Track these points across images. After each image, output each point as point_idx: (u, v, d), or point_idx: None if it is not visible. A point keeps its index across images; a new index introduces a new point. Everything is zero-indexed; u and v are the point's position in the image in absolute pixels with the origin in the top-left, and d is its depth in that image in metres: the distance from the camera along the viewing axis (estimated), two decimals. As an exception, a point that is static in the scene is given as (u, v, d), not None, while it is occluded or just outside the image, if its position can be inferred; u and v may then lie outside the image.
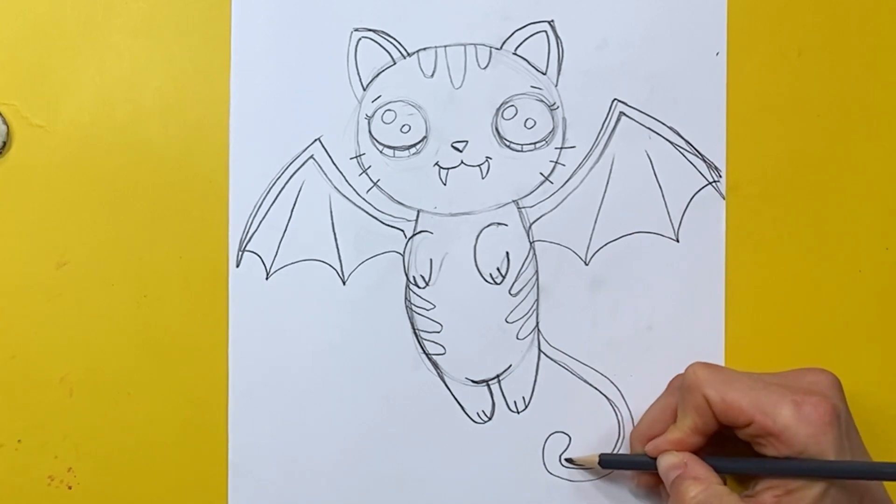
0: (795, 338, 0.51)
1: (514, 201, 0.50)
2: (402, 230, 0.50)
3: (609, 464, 0.49)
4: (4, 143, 0.48)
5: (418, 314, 0.50)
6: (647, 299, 0.51)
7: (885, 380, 0.51)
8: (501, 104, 0.50)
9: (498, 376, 0.51)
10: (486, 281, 0.50)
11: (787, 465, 0.44)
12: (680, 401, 0.47)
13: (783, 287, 0.51)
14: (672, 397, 0.48)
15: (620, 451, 0.51)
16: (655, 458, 0.47)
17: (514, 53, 0.50)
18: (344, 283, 0.50)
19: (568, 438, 0.50)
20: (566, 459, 0.50)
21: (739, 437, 0.46)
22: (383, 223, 0.50)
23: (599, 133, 0.50)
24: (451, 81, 0.50)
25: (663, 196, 0.51)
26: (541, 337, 0.50)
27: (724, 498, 0.44)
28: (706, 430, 0.46)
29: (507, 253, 0.50)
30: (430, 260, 0.50)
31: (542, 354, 0.51)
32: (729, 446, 0.47)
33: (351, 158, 0.50)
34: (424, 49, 0.50)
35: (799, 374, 0.47)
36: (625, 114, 0.50)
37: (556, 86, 0.50)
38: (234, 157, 0.50)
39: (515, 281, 0.50)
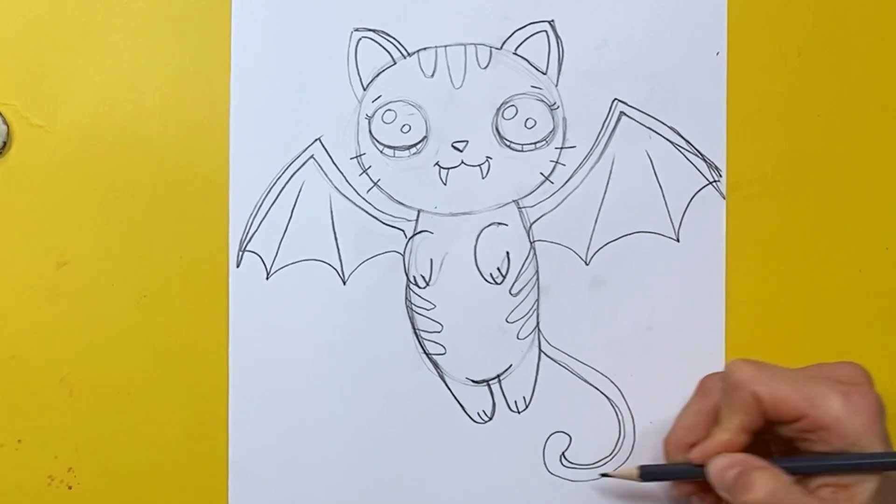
0: (795, 337, 0.51)
1: (514, 201, 0.50)
2: (403, 230, 0.50)
3: (651, 476, 0.48)
4: (5, 143, 0.48)
5: (419, 314, 0.50)
6: (648, 299, 0.51)
7: (885, 379, 0.51)
8: (502, 104, 0.50)
9: (498, 376, 0.51)
10: (487, 281, 0.50)
11: (846, 461, 0.43)
12: (724, 400, 0.46)
13: (783, 287, 0.51)
14: (707, 399, 0.47)
15: (622, 452, 0.50)
16: (702, 465, 0.46)
17: (515, 53, 0.50)
18: (344, 283, 0.50)
19: (568, 438, 0.50)
20: (602, 475, 0.49)
21: (784, 434, 0.45)
22: (383, 223, 0.50)
23: (600, 133, 0.51)
24: (452, 81, 0.50)
25: (663, 196, 0.51)
26: (541, 337, 0.50)
27: (792, 488, 0.43)
28: (754, 428, 0.45)
29: (508, 253, 0.50)
30: (431, 260, 0.50)
31: (542, 354, 0.51)
32: (763, 448, 0.47)
33: (351, 158, 0.50)
34: (425, 49, 0.50)
35: (835, 367, 0.46)
36: (625, 114, 0.50)
37: (557, 86, 0.50)
38: (235, 157, 0.50)
39: (516, 281, 0.50)
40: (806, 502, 0.43)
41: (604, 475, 0.49)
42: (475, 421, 0.51)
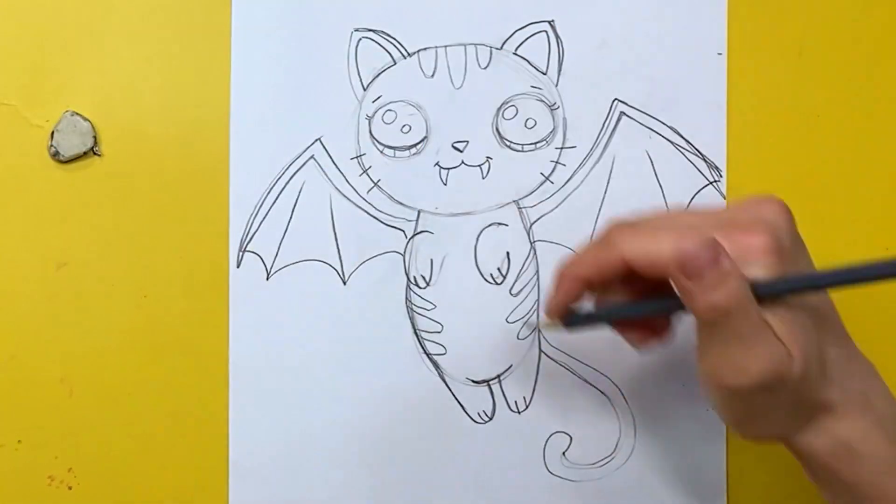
0: (796, 338, 0.51)
1: (514, 201, 0.50)
2: (403, 230, 0.50)
3: (574, 322, 0.44)
4: (92, 148, 0.48)
5: (419, 314, 0.50)
6: (648, 299, 0.51)
7: (885, 379, 0.51)
8: (502, 104, 0.50)
9: (499, 376, 0.51)
10: (487, 281, 0.50)
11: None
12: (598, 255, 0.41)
13: (783, 287, 0.51)
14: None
15: (622, 451, 0.50)
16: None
17: (515, 53, 0.50)
18: (344, 284, 0.50)
19: (569, 438, 0.51)
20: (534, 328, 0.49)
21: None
22: (384, 223, 0.50)
23: (600, 133, 0.51)
24: (452, 81, 0.50)
25: (664, 196, 0.51)
26: (541, 337, 0.50)
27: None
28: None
29: (508, 253, 0.50)
30: (431, 260, 0.50)
31: (542, 354, 0.51)
32: None
33: (351, 159, 0.50)
34: (425, 49, 0.50)
35: (736, 208, 0.41)
36: (625, 114, 0.50)
37: (557, 86, 0.50)
38: (235, 157, 0.50)
39: (516, 281, 0.50)
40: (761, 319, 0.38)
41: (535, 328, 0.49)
42: (475, 421, 0.51)
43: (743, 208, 0.41)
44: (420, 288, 0.50)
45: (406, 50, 0.50)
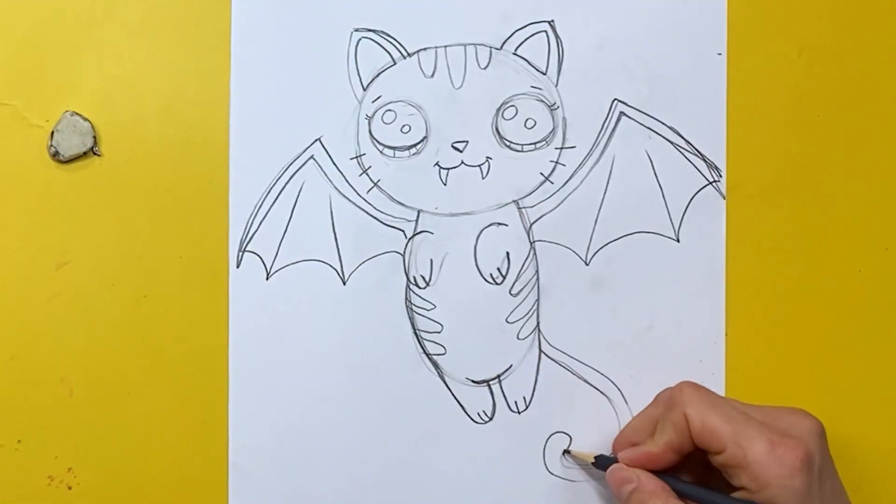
0: (795, 337, 0.51)
1: (514, 201, 0.50)
2: (403, 230, 0.50)
3: (603, 464, 0.49)
4: (91, 148, 0.48)
5: (419, 314, 0.50)
6: (648, 299, 0.51)
7: (885, 378, 0.51)
8: (502, 104, 0.50)
9: (498, 376, 0.51)
10: (487, 281, 0.50)
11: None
12: (661, 415, 0.47)
13: (783, 286, 0.51)
14: (656, 409, 0.48)
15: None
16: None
17: (515, 53, 0.50)
18: (344, 284, 0.50)
19: (569, 438, 0.51)
20: (565, 451, 0.50)
21: (714, 462, 0.45)
22: (383, 223, 0.50)
23: (600, 133, 0.51)
24: (452, 81, 0.50)
25: (663, 196, 0.51)
26: (541, 337, 0.50)
27: None
28: (681, 450, 0.46)
29: (508, 253, 0.50)
30: (431, 260, 0.50)
31: (542, 354, 0.51)
32: (697, 471, 0.47)
33: (351, 159, 0.50)
34: (424, 49, 0.50)
35: (782, 412, 0.46)
36: (625, 114, 0.50)
37: (557, 86, 0.50)
38: (235, 157, 0.50)
39: (516, 281, 0.50)
40: None
41: (567, 452, 0.50)
42: (475, 421, 0.51)
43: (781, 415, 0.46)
44: (420, 288, 0.50)
45: (406, 50, 0.50)
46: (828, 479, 0.45)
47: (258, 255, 0.50)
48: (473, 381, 0.51)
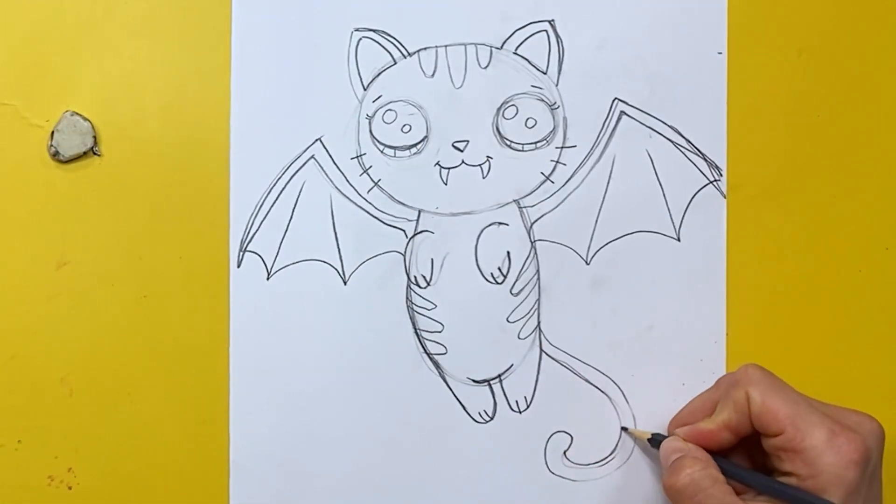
0: (796, 336, 0.51)
1: (515, 201, 0.50)
2: (403, 230, 0.50)
3: (659, 442, 0.48)
4: (91, 148, 0.48)
5: (419, 314, 0.50)
6: (649, 299, 0.51)
7: (885, 378, 0.51)
8: (502, 104, 0.50)
9: (499, 376, 0.51)
10: (488, 280, 0.50)
11: (789, 492, 0.44)
12: (723, 394, 0.47)
13: (784, 286, 0.51)
14: (716, 392, 0.48)
15: (623, 451, 0.50)
16: None
17: (515, 53, 0.50)
18: (345, 283, 0.50)
19: (570, 438, 0.50)
20: (623, 428, 0.50)
21: (767, 447, 0.45)
22: (384, 223, 0.50)
23: (600, 132, 0.51)
24: (452, 81, 0.50)
25: (664, 195, 0.51)
26: (542, 336, 0.50)
27: (717, 484, 0.44)
28: (738, 430, 0.46)
29: (509, 252, 0.50)
30: (431, 260, 0.50)
31: (543, 354, 0.51)
32: (748, 459, 0.47)
33: (352, 158, 0.50)
34: (425, 49, 0.50)
35: (848, 411, 0.46)
36: (625, 113, 0.50)
37: (557, 85, 0.50)
38: (235, 157, 0.50)
39: (517, 280, 0.50)
40: (727, 502, 0.44)
41: (624, 428, 0.50)
42: (476, 421, 0.51)
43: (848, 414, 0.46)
44: (421, 287, 0.50)
45: (406, 50, 0.50)
46: (874, 485, 0.45)
47: (259, 255, 0.50)
48: (474, 381, 0.51)
